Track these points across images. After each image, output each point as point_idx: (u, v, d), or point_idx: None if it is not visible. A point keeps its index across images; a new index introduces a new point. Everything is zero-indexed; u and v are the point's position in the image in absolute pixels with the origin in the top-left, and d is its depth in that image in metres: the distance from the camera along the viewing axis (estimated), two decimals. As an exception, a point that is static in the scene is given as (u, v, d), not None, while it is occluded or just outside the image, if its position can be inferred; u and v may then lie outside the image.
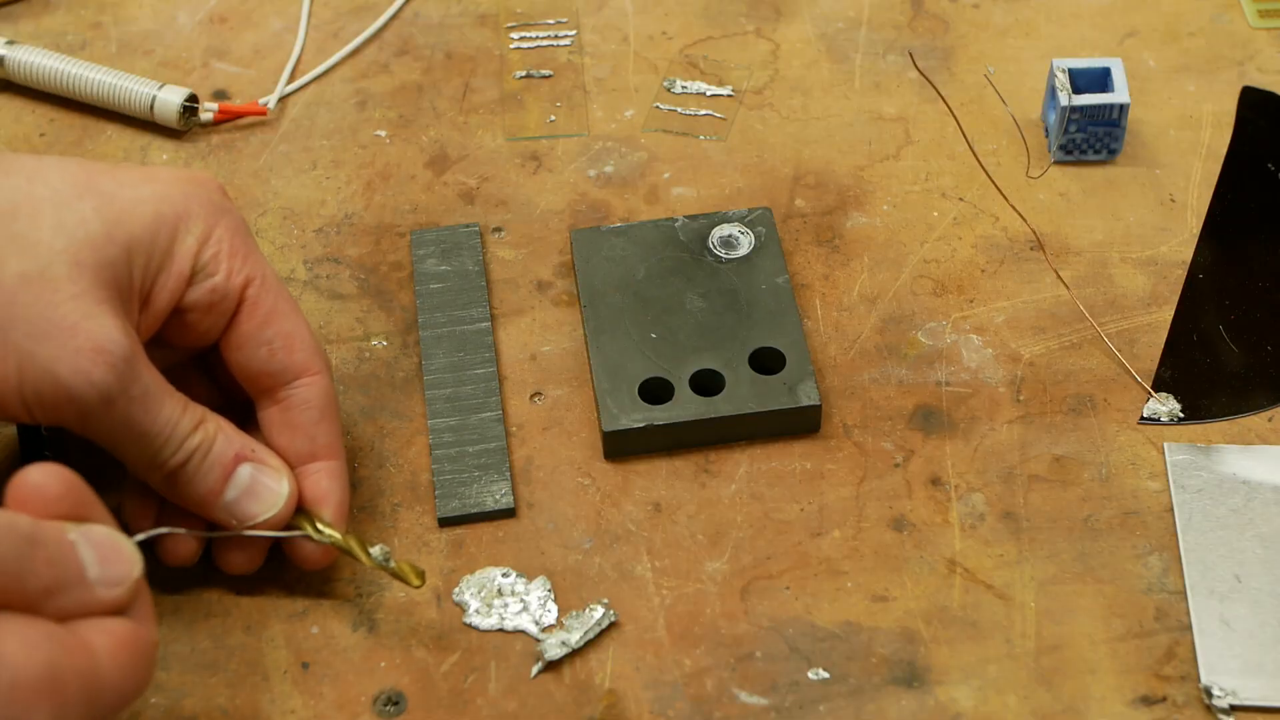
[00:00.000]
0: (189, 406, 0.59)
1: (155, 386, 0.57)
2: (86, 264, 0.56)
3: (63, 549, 0.51)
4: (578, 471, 0.66)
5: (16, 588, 0.49)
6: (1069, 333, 0.69)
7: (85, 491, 0.53)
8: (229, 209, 0.61)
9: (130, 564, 0.52)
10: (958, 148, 0.76)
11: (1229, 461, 0.65)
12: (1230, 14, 0.81)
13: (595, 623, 0.61)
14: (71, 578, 0.51)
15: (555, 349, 0.69)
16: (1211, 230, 0.73)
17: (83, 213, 0.57)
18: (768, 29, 0.81)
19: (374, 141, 0.77)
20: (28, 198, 0.57)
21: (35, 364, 0.55)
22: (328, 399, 0.61)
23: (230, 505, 0.59)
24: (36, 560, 0.50)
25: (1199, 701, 0.59)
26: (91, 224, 0.57)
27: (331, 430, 0.62)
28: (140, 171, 0.60)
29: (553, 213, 0.74)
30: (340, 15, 0.82)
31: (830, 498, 0.65)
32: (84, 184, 0.58)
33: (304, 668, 0.60)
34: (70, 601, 0.51)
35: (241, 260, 0.60)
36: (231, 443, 0.59)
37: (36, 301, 0.55)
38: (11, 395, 0.55)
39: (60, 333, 0.55)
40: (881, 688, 0.60)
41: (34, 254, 0.56)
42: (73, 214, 0.57)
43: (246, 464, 0.59)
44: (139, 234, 0.58)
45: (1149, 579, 0.62)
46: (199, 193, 0.60)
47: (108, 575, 0.51)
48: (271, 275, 0.61)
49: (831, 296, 0.71)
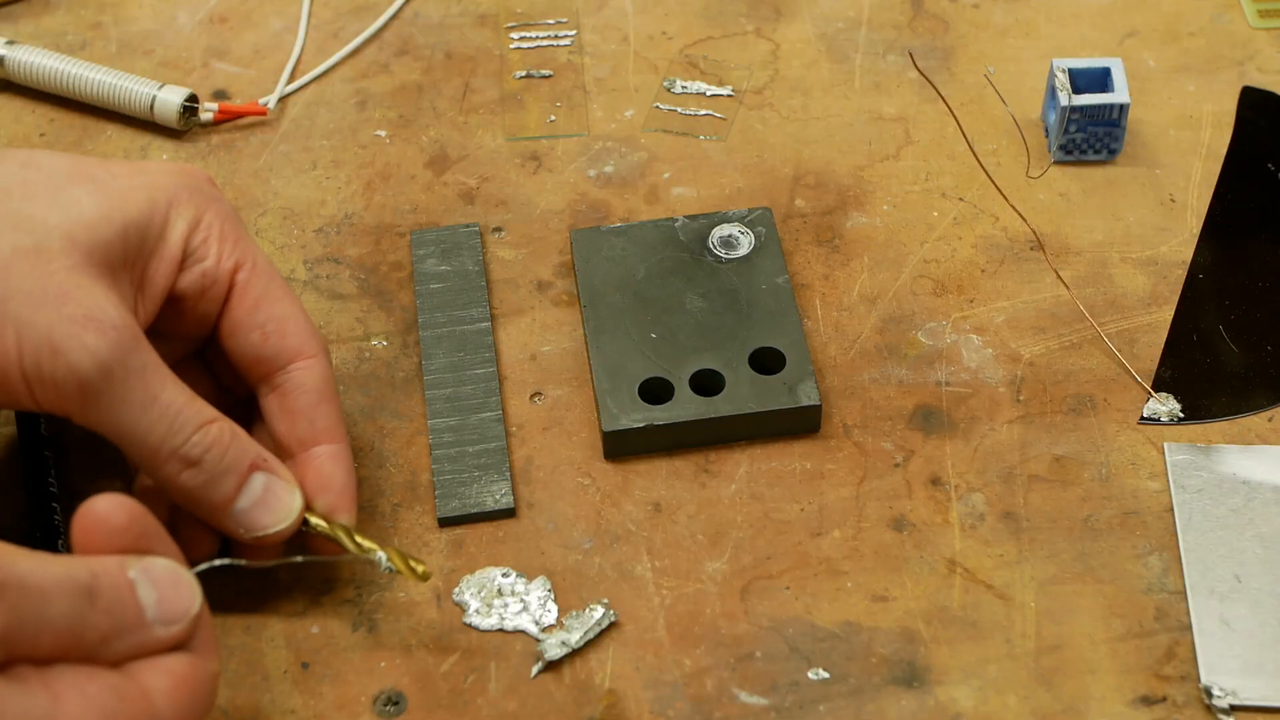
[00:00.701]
0: (197, 400, 0.58)
1: (157, 366, 0.57)
2: (81, 241, 0.56)
3: (121, 594, 0.51)
4: (578, 471, 0.66)
5: (75, 642, 0.50)
6: (1069, 333, 0.69)
7: (149, 521, 0.53)
8: (218, 197, 0.61)
9: (190, 599, 0.52)
10: (958, 148, 0.76)
11: (1229, 461, 0.65)
12: (1230, 14, 0.81)
13: (595, 623, 0.61)
14: (130, 622, 0.51)
15: (555, 349, 0.69)
16: (1211, 230, 0.73)
17: (77, 195, 0.57)
18: (768, 29, 0.81)
19: (374, 141, 0.77)
20: (22, 181, 0.57)
21: (33, 334, 0.55)
22: (325, 381, 0.61)
23: (240, 514, 0.58)
24: (96, 614, 0.50)
25: (1199, 701, 0.59)
26: (85, 206, 0.57)
27: (331, 413, 0.61)
28: (130, 164, 0.61)
29: (553, 213, 0.74)
30: (340, 15, 0.82)
31: (830, 498, 0.65)
32: (77, 171, 0.59)
33: (304, 668, 0.60)
34: (128, 645, 0.51)
35: (232, 245, 0.60)
36: (247, 451, 0.58)
37: (32, 272, 0.55)
38: (13, 370, 0.55)
39: (55, 300, 0.55)
40: (881, 688, 0.60)
41: (29, 229, 0.56)
42: (67, 196, 0.57)
43: (260, 473, 0.58)
44: (133, 217, 0.58)
45: (1149, 579, 0.62)
46: (188, 182, 0.61)
47: (167, 613, 0.52)
48: (263, 260, 0.61)
49: (831, 296, 0.71)
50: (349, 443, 0.62)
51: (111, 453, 0.66)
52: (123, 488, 0.65)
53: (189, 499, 0.58)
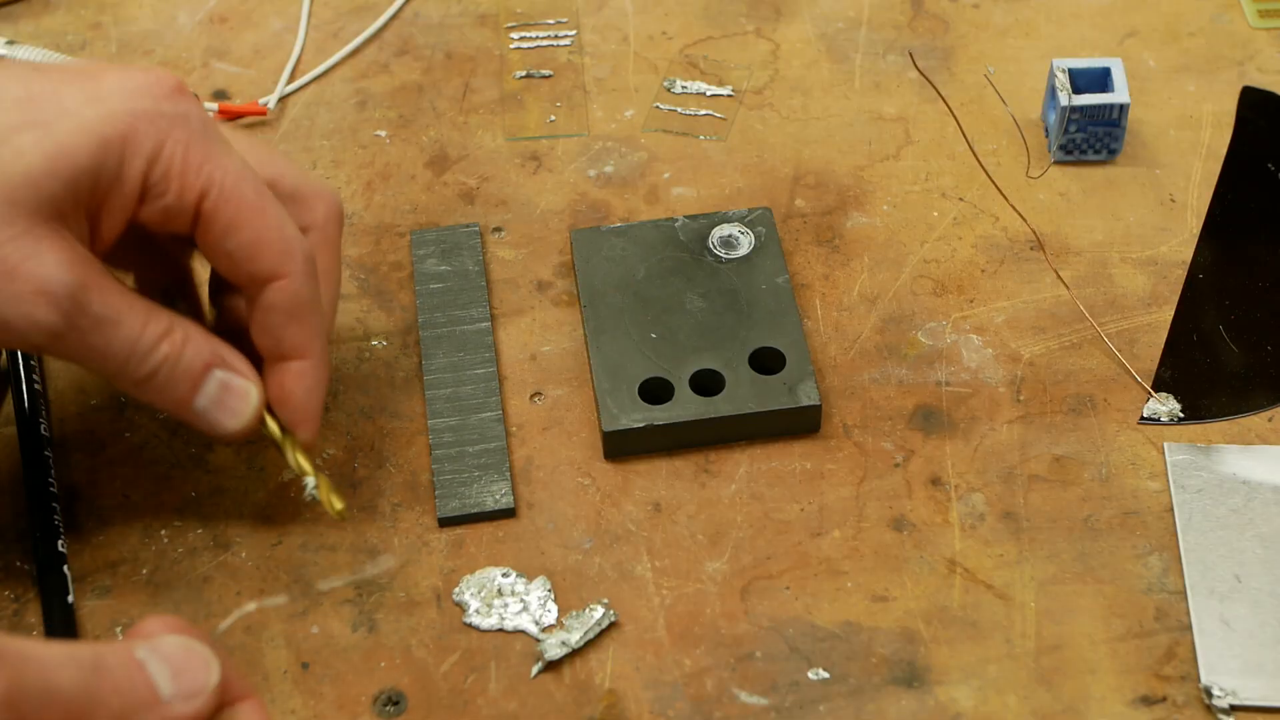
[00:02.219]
0: (152, 319, 0.58)
1: (110, 310, 0.57)
2: (24, 203, 0.55)
3: (130, 671, 0.50)
4: (578, 471, 0.66)
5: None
6: (1069, 333, 0.69)
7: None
8: (183, 114, 0.58)
9: (206, 671, 0.51)
10: (958, 148, 0.76)
11: (1229, 461, 0.65)
12: (1230, 14, 0.81)
13: (595, 623, 0.61)
14: (143, 700, 0.50)
15: (555, 349, 0.69)
16: (1211, 230, 0.73)
17: (21, 147, 0.56)
18: (768, 29, 0.81)
19: (374, 141, 0.77)
20: None
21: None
22: (295, 302, 0.60)
23: (200, 413, 0.60)
24: (104, 690, 0.49)
25: (1199, 701, 0.59)
26: (31, 158, 0.55)
27: (301, 331, 0.60)
28: (87, 87, 0.57)
29: (553, 213, 0.74)
30: (340, 15, 0.82)
31: (830, 498, 0.65)
32: (24, 114, 0.56)
33: (304, 668, 0.60)
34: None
35: (195, 172, 0.58)
36: (200, 352, 0.59)
37: None
38: None
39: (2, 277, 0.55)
40: (881, 688, 0.60)
41: None
42: (10, 149, 0.55)
43: (217, 370, 0.59)
44: (83, 165, 0.56)
45: (1149, 579, 0.62)
46: (149, 104, 0.58)
47: (184, 689, 0.50)
48: (231, 180, 0.58)
49: (831, 296, 0.71)
50: (322, 358, 0.61)
51: (111, 452, 0.66)
52: (122, 488, 0.65)
53: (150, 401, 0.59)
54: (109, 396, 0.68)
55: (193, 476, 0.66)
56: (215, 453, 0.66)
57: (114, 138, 0.56)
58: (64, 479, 0.65)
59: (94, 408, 0.67)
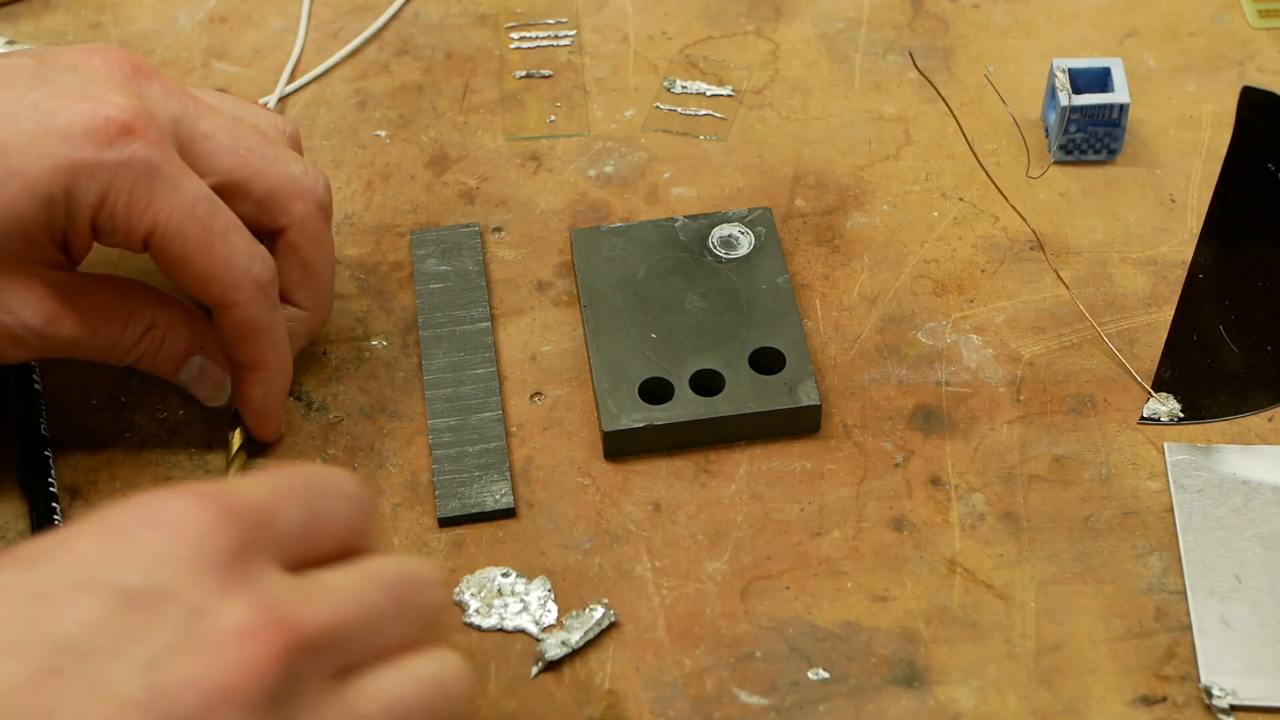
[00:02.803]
0: (131, 320, 0.62)
1: (86, 326, 0.61)
2: None
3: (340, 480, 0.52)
4: (578, 471, 0.66)
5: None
6: (1069, 333, 0.69)
7: None
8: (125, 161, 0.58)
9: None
10: (958, 148, 0.76)
11: (1229, 461, 0.65)
12: (1230, 14, 0.81)
13: (595, 623, 0.61)
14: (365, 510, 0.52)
15: (555, 349, 0.69)
16: (1211, 230, 0.73)
17: None
18: (768, 29, 0.81)
19: (374, 141, 0.77)
20: None
21: None
22: (245, 327, 0.63)
23: (184, 385, 0.65)
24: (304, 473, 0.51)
25: (1199, 701, 0.59)
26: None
27: (254, 349, 0.63)
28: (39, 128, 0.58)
29: (553, 213, 0.74)
30: (340, 15, 0.82)
31: (830, 498, 0.65)
32: None
33: (304, 668, 0.60)
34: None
35: (139, 217, 0.59)
36: (179, 343, 0.64)
37: None
38: None
39: None
40: (881, 688, 0.60)
41: None
42: None
43: (197, 356, 0.64)
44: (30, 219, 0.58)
45: (1149, 579, 0.62)
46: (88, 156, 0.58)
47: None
48: (177, 221, 0.59)
49: (831, 296, 0.71)
50: (278, 368, 0.64)
51: (111, 452, 0.66)
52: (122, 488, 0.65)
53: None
54: (109, 397, 0.68)
55: (192, 477, 0.65)
56: (215, 453, 0.66)
57: (58, 195, 0.58)
58: (64, 479, 0.65)
59: (94, 408, 0.67)
